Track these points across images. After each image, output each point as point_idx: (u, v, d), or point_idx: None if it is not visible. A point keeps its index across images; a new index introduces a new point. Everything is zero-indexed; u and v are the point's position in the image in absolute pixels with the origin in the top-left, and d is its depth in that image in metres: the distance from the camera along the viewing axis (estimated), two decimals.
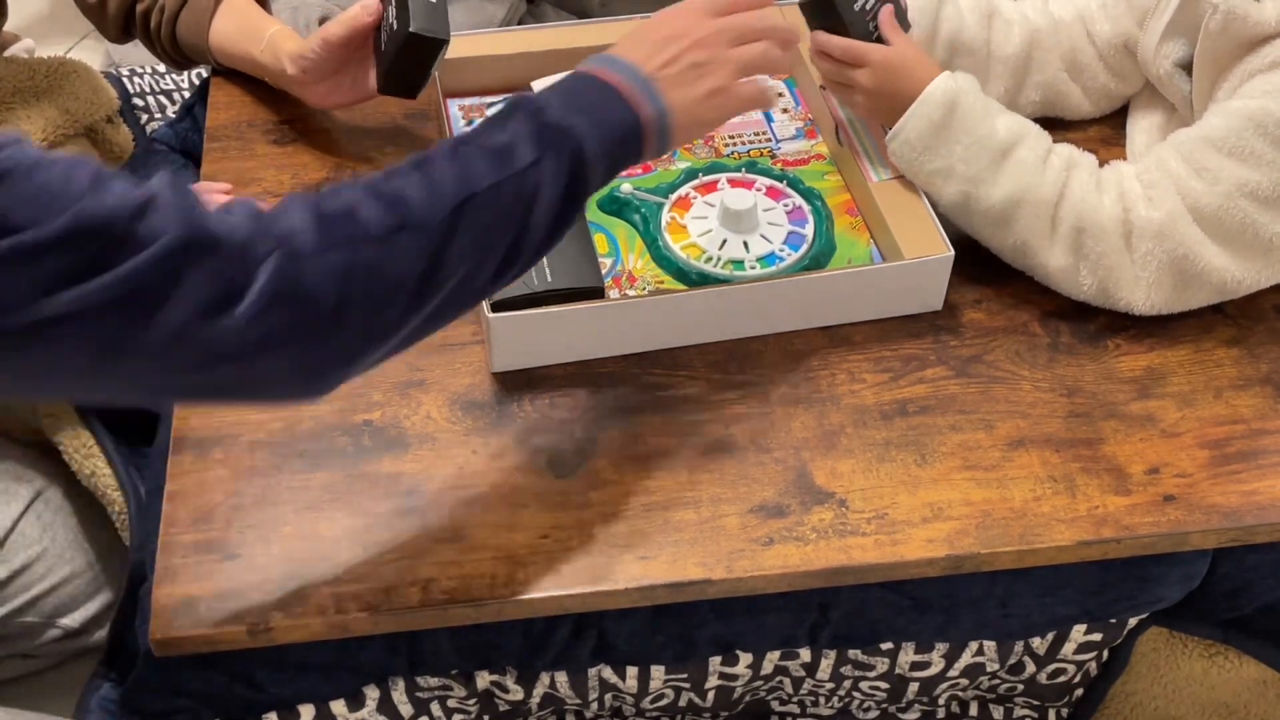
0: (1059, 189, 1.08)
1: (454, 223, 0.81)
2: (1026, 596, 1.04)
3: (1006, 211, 1.09)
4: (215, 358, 0.74)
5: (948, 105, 1.08)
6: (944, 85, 1.09)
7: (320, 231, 0.76)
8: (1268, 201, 1.04)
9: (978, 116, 1.09)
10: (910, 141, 1.11)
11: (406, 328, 0.81)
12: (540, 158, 0.84)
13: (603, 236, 1.16)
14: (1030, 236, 1.09)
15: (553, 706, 1.10)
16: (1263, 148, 1.03)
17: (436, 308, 0.82)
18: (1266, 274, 1.09)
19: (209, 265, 0.72)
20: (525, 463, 1.02)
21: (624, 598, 0.96)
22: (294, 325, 0.76)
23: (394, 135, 1.26)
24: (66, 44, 1.98)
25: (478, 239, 0.82)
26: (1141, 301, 1.09)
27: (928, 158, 1.10)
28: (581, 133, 0.86)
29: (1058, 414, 1.06)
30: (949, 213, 1.12)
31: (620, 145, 0.89)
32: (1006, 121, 1.09)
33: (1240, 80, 1.06)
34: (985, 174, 1.08)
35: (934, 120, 1.09)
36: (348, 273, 0.77)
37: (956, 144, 1.09)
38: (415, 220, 0.79)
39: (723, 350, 1.10)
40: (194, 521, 0.97)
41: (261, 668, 0.99)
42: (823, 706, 1.15)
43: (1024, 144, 1.09)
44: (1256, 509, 1.01)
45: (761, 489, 1.01)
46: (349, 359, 0.80)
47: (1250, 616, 1.09)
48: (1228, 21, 1.05)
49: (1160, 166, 1.08)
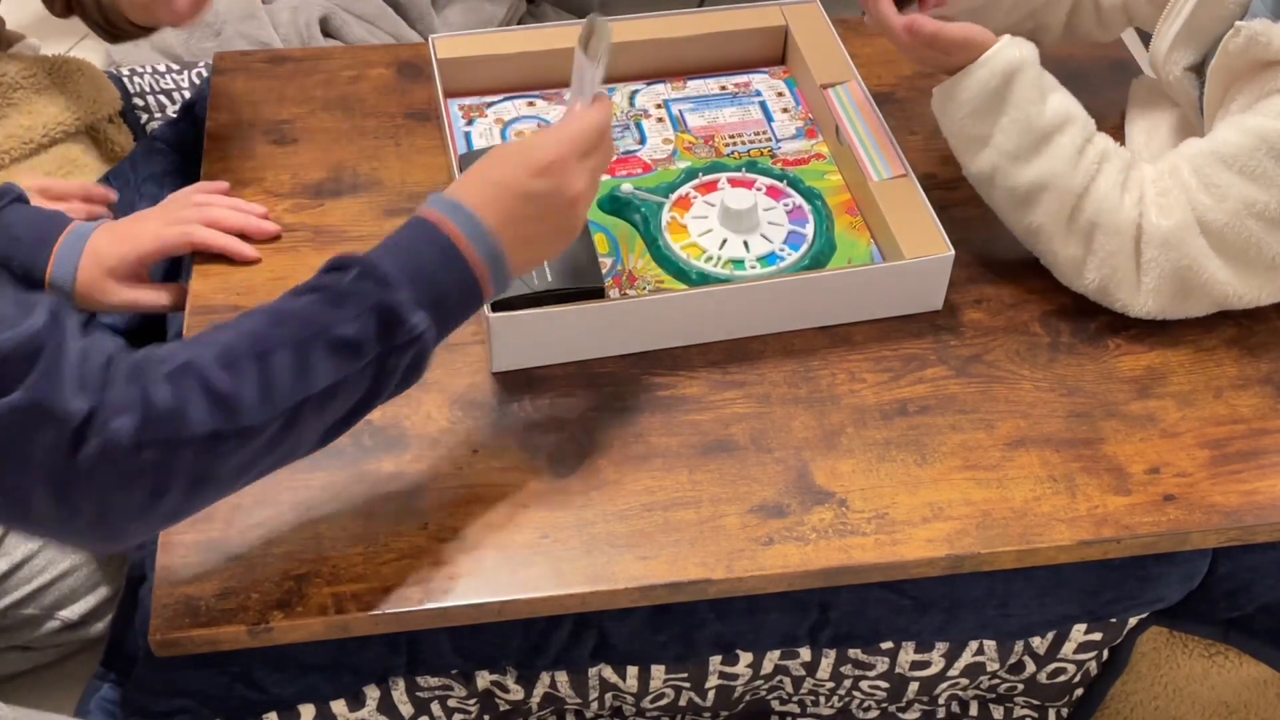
0: (1087, 181, 1.07)
1: (286, 423, 0.81)
2: (1026, 596, 1.04)
3: (1031, 194, 1.08)
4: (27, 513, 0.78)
5: (1007, 74, 1.06)
6: (1008, 53, 1.06)
7: (143, 430, 0.76)
8: (1274, 222, 1.04)
9: (1033, 92, 1.07)
10: (960, 101, 1.08)
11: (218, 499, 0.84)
12: (383, 363, 0.84)
13: (603, 236, 1.16)
14: (1048, 222, 1.08)
15: (553, 706, 1.10)
16: (1273, 169, 1.02)
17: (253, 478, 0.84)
18: (1268, 291, 1.08)
19: (40, 437, 0.75)
20: (525, 463, 1.02)
21: (624, 598, 0.96)
22: (102, 505, 0.77)
23: (394, 135, 1.27)
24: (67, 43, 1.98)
25: (306, 431, 0.83)
26: (1139, 305, 1.09)
27: (972, 122, 1.08)
28: (430, 334, 0.85)
29: (1058, 414, 1.06)
30: (972, 180, 1.11)
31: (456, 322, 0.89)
32: (1055, 102, 1.07)
33: (1255, 96, 1.06)
34: (1022, 152, 1.07)
35: (990, 87, 1.06)
36: (165, 469, 0.77)
37: (1004, 115, 1.07)
38: (244, 425, 0.79)
39: (723, 350, 1.10)
40: (194, 521, 0.96)
41: (261, 668, 0.99)
42: (823, 706, 1.16)
43: (1067, 129, 1.07)
44: (1256, 509, 1.01)
45: (761, 489, 1.01)
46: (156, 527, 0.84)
47: (1250, 616, 1.09)
48: (1249, 44, 1.04)
49: (1173, 175, 1.07)
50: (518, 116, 1.27)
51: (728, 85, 1.32)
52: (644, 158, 1.24)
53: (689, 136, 1.26)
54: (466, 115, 1.27)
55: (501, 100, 1.29)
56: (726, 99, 1.30)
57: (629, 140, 1.25)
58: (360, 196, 1.20)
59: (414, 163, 1.24)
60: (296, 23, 1.85)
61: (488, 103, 1.28)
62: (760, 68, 1.34)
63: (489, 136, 1.25)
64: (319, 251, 1.14)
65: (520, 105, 1.28)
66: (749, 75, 1.33)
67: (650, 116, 1.28)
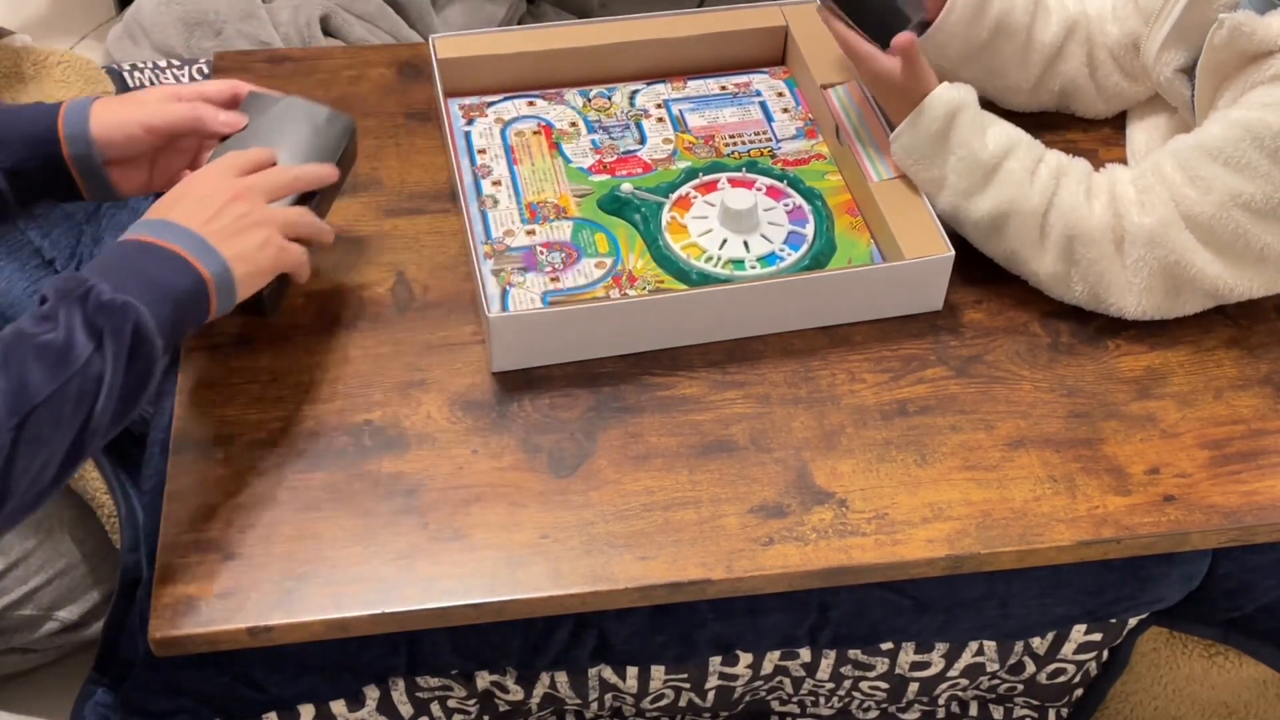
0: (1047, 199, 1.08)
1: (15, 442, 0.79)
2: (1026, 596, 1.04)
3: (995, 223, 1.09)
4: None
5: (947, 117, 1.09)
6: (945, 96, 1.09)
7: None
8: (1260, 213, 1.04)
9: (973, 130, 1.09)
10: (908, 148, 1.12)
11: None
12: (99, 344, 0.83)
13: (603, 236, 1.16)
14: (1020, 246, 1.10)
15: (553, 707, 1.10)
16: (1258, 160, 1.03)
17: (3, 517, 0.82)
18: (1259, 282, 1.08)
19: None
20: (525, 463, 1.02)
21: (624, 598, 0.96)
22: None
23: (394, 135, 1.26)
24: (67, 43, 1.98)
25: (41, 449, 0.81)
26: (1133, 307, 1.09)
27: (923, 166, 1.11)
28: (138, 305, 0.85)
29: (1058, 414, 1.06)
30: (943, 218, 1.13)
31: (182, 308, 0.89)
32: (996, 134, 1.09)
33: (1242, 90, 1.06)
34: (974, 188, 1.09)
35: (932, 131, 1.09)
36: None
37: (951, 155, 1.09)
38: None
39: (723, 350, 1.10)
40: (194, 521, 0.97)
41: (261, 668, 0.99)
42: (823, 706, 1.16)
43: (1013, 155, 1.09)
44: (1256, 509, 1.01)
45: (761, 489, 1.01)
46: None
47: (1250, 616, 1.09)
48: (1233, 36, 1.05)
49: (1156, 172, 1.07)
50: (518, 116, 1.27)
51: (728, 85, 1.32)
52: (644, 158, 1.24)
53: (689, 136, 1.26)
54: (466, 115, 1.27)
55: (501, 100, 1.29)
56: (726, 99, 1.30)
57: (629, 140, 1.25)
58: (360, 196, 1.20)
59: (414, 163, 1.24)
60: (297, 22, 1.85)
61: (488, 102, 1.28)
62: (760, 68, 1.34)
63: (489, 136, 1.25)
64: (319, 251, 1.14)
65: (520, 105, 1.28)
66: (749, 75, 1.33)
67: (650, 116, 1.28)
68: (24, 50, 1.34)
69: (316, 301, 1.11)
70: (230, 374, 1.06)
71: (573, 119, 1.27)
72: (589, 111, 1.28)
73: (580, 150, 1.24)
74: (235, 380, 1.05)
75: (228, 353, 1.07)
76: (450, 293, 1.12)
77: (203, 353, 1.07)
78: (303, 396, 1.05)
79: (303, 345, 1.08)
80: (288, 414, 1.04)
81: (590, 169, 1.22)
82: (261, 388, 1.05)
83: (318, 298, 1.11)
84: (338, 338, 1.09)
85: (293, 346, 1.08)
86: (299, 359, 1.07)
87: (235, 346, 1.07)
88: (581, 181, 1.21)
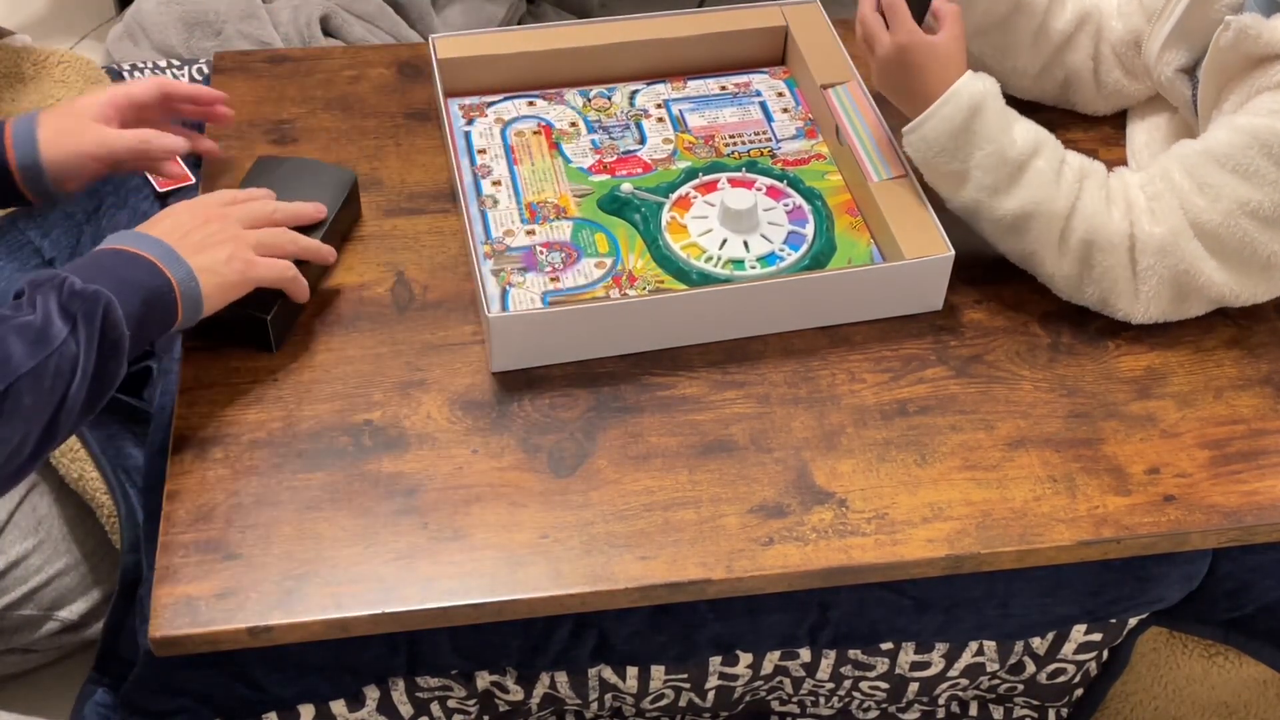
0: (1071, 202, 1.06)
1: None
2: (1026, 596, 1.04)
3: (1017, 223, 1.08)
4: None
5: (972, 109, 1.06)
6: (971, 87, 1.06)
7: None
8: (1268, 221, 1.04)
9: (999, 124, 1.06)
10: (929, 141, 1.08)
11: None
12: (74, 327, 0.88)
13: (603, 236, 1.16)
14: (1039, 247, 1.08)
15: (553, 707, 1.10)
16: (1266, 167, 1.02)
17: None
18: (1264, 289, 1.08)
19: None
20: (525, 463, 1.02)
21: (624, 598, 0.96)
22: None
23: (394, 135, 1.27)
24: (67, 43, 1.98)
25: (20, 422, 0.86)
26: (1140, 313, 1.09)
27: (944, 159, 1.08)
28: (108, 294, 0.91)
29: (1058, 414, 1.06)
30: (956, 212, 1.12)
31: (148, 305, 0.94)
32: (1023, 130, 1.07)
33: (1247, 94, 1.05)
34: (1001, 185, 1.06)
35: (956, 122, 1.06)
36: None
37: (977, 150, 1.06)
38: None
39: (723, 350, 1.10)
40: (194, 521, 0.97)
41: (261, 668, 0.99)
42: (823, 706, 1.16)
43: (1040, 154, 1.06)
44: (1256, 509, 1.01)
45: (761, 489, 1.01)
46: None
47: (1250, 616, 1.09)
48: (1239, 38, 1.04)
49: (1164, 178, 1.07)
50: (518, 116, 1.27)
51: (728, 85, 1.32)
52: (644, 158, 1.24)
53: (689, 136, 1.26)
54: (466, 115, 1.27)
55: (501, 100, 1.29)
56: (726, 99, 1.30)
57: (629, 140, 1.25)
58: (360, 196, 1.20)
59: (414, 163, 1.24)
60: (297, 22, 1.85)
61: (488, 102, 1.28)
62: (760, 68, 1.34)
63: (489, 136, 1.25)
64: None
65: (520, 105, 1.28)
66: (749, 75, 1.33)
67: (650, 116, 1.28)
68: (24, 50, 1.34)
69: (316, 301, 1.11)
70: (230, 374, 1.06)
71: (573, 119, 1.27)
72: (589, 111, 1.28)
73: (580, 150, 1.24)
74: (235, 380, 1.05)
75: (228, 353, 1.07)
76: (450, 293, 1.13)
77: (203, 353, 1.07)
78: (303, 396, 1.05)
79: (303, 345, 1.08)
80: (288, 414, 1.04)
81: (590, 169, 1.22)
82: (261, 388, 1.05)
83: (318, 298, 1.11)
84: (337, 338, 1.09)
85: (293, 346, 1.08)
86: (299, 359, 1.07)
87: (235, 347, 1.07)
88: (581, 181, 1.21)
